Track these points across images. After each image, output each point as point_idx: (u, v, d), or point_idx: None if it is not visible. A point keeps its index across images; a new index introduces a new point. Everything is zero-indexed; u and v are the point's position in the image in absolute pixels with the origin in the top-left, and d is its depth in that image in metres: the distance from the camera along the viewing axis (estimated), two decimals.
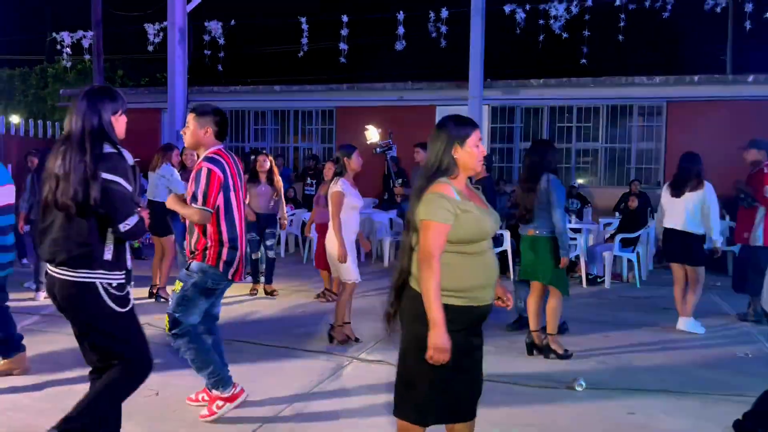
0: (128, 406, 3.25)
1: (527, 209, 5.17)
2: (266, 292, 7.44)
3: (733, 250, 8.23)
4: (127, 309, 3.00)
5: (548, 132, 13.02)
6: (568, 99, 12.71)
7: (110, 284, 2.92)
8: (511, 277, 9.09)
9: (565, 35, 12.64)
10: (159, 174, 6.99)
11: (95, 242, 2.87)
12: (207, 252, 3.72)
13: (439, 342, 2.46)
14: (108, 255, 2.91)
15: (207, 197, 3.64)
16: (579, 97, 12.71)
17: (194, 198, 3.66)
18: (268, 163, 7.43)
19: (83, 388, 3.10)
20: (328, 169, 7.37)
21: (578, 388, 4.49)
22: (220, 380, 3.82)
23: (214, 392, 3.84)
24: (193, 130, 3.74)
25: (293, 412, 3.99)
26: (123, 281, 2.99)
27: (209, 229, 3.73)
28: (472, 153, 2.66)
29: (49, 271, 2.96)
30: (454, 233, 2.56)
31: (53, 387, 4.30)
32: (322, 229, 7.43)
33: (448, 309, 2.52)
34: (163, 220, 6.92)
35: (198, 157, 3.85)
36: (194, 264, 3.73)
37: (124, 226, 2.85)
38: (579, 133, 12.98)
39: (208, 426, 3.73)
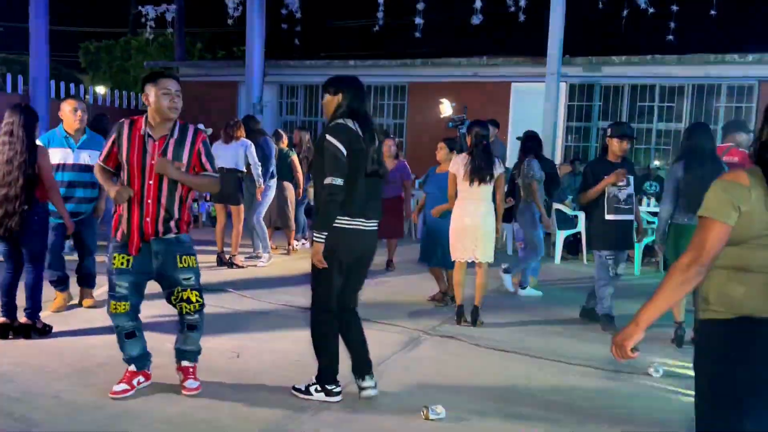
0: (212, 364, 3.39)
1: None
2: None
3: None
4: None
5: (628, 111, 12.57)
6: (651, 77, 12.19)
7: None
8: (584, 260, 8.91)
9: (651, 10, 12.09)
10: (239, 144, 7.32)
11: None
12: (189, 223, 3.76)
13: None
14: None
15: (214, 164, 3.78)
16: (663, 75, 12.17)
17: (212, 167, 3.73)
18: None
19: None
20: (388, 146, 7.44)
21: (655, 374, 4.38)
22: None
23: (192, 362, 3.77)
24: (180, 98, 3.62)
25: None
26: None
27: (190, 199, 3.73)
28: None
29: (362, 227, 3.61)
30: None
31: None
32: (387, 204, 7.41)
33: None
34: (239, 189, 7.40)
35: (169, 124, 3.59)
36: (186, 236, 3.68)
37: None
38: (661, 113, 12.46)
39: (285, 388, 3.84)
